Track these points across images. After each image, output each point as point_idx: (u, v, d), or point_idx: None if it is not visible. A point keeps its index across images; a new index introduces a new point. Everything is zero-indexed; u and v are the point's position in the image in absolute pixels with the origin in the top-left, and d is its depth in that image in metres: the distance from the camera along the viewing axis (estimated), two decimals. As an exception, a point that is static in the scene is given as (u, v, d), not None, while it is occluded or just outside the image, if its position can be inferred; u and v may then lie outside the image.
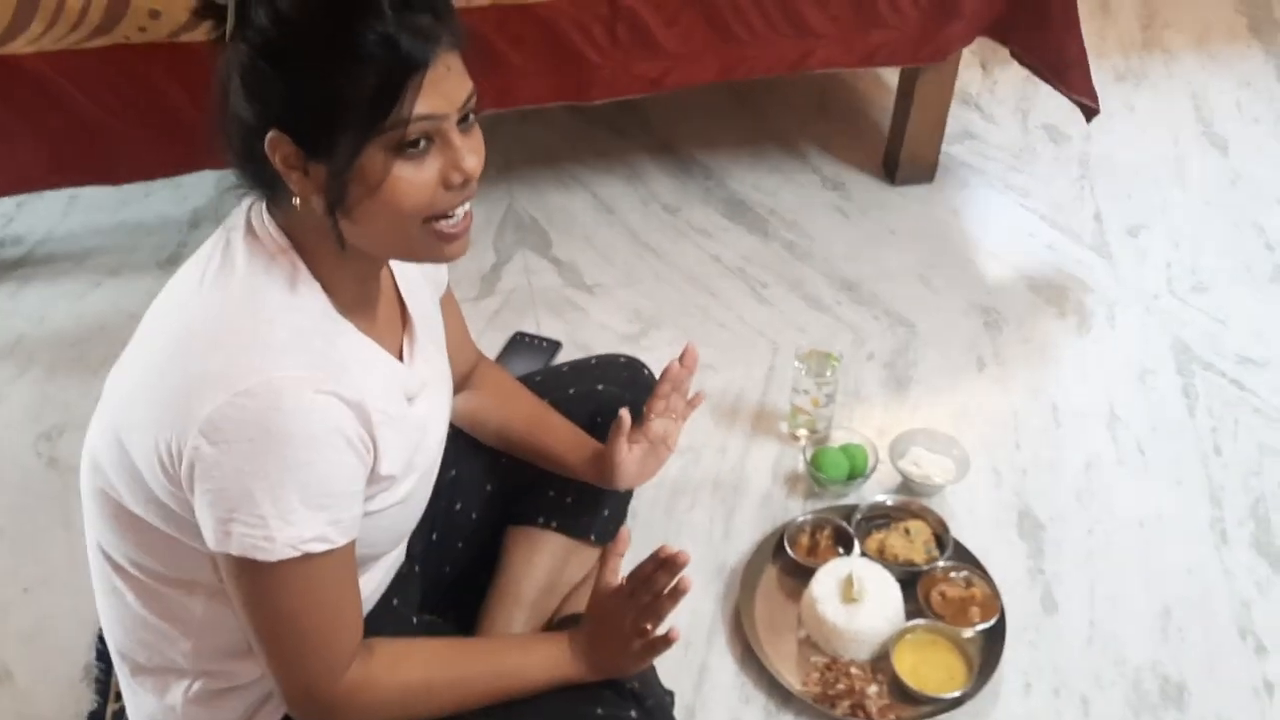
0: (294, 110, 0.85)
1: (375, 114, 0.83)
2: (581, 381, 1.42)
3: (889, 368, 1.90)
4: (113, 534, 0.99)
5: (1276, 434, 1.76)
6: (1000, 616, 1.45)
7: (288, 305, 0.90)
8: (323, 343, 0.90)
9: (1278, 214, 2.22)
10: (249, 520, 0.85)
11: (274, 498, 0.85)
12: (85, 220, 2.22)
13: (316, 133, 0.85)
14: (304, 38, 0.83)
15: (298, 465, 0.85)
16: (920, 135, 2.23)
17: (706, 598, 1.53)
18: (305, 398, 0.85)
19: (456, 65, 0.87)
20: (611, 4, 1.83)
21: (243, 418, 0.83)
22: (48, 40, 1.71)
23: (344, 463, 0.89)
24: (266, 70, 0.84)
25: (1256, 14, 2.84)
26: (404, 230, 0.90)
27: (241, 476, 0.85)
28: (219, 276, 0.91)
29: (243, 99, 0.86)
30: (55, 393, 1.85)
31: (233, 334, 0.87)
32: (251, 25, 0.84)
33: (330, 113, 0.84)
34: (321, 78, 0.83)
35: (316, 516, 0.87)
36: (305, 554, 0.88)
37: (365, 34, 0.82)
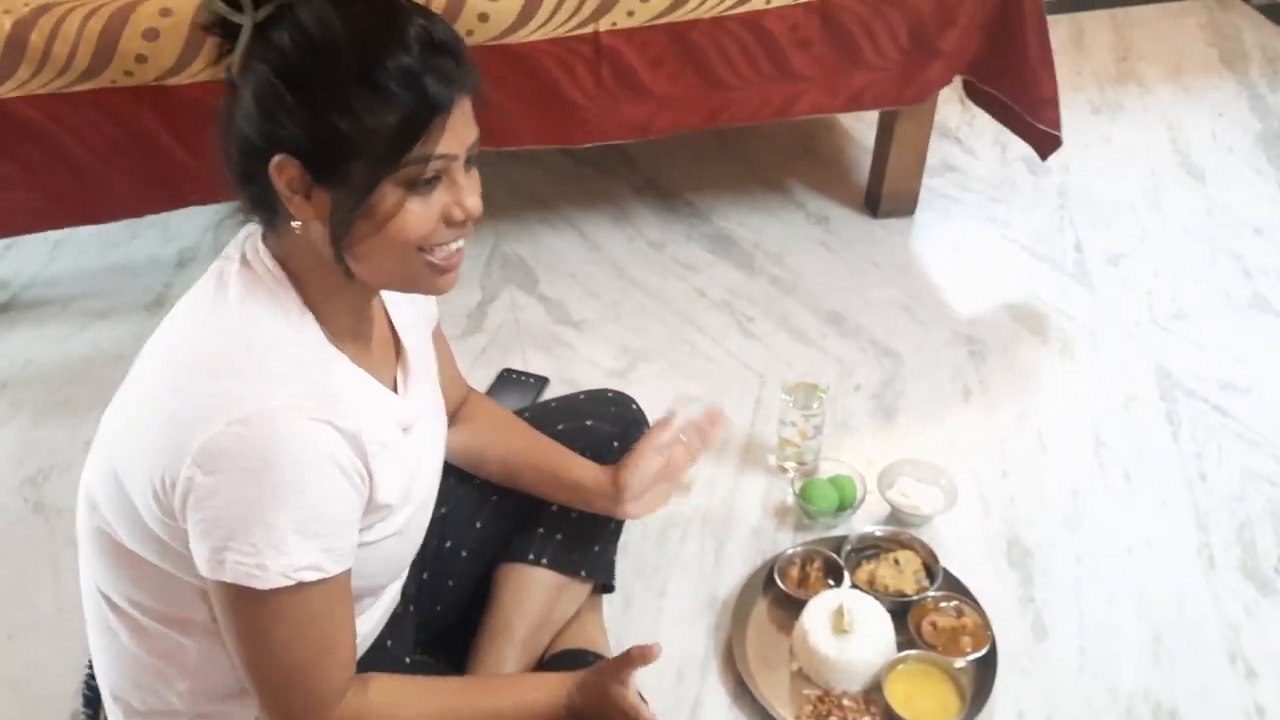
0: (309, 137, 0.85)
1: (395, 150, 0.85)
2: (571, 417, 1.42)
3: (876, 399, 1.91)
4: (109, 572, 0.99)
5: (1260, 459, 1.77)
6: (991, 645, 1.45)
7: (282, 336, 0.90)
8: (317, 373, 0.91)
9: (1255, 242, 2.25)
10: (242, 549, 0.85)
11: (267, 526, 0.85)
12: (71, 263, 2.22)
13: (330, 162, 0.86)
14: (328, 65, 0.83)
15: (291, 493, 0.85)
16: (901, 169, 2.26)
17: (698, 631, 1.53)
18: (300, 426, 0.85)
19: (468, 109, 0.89)
20: (595, 44, 1.86)
21: (237, 446, 0.84)
22: (35, 84, 1.73)
23: (338, 491, 0.89)
24: (285, 94, 0.84)
25: (1227, 46, 2.90)
26: (402, 260, 0.91)
27: (235, 505, 0.85)
28: (213, 307, 0.92)
29: (253, 119, 0.86)
30: (41, 437, 1.85)
31: (227, 364, 0.88)
32: (272, 46, 0.84)
33: (348, 144, 0.84)
34: (344, 108, 0.83)
35: (310, 545, 0.87)
36: (299, 583, 0.87)
37: (392, 69, 0.83)
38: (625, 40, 1.87)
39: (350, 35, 0.83)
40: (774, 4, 1.90)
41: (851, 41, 1.97)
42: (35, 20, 1.70)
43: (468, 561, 1.34)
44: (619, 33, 1.86)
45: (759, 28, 1.92)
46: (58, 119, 1.75)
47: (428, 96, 0.84)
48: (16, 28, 1.69)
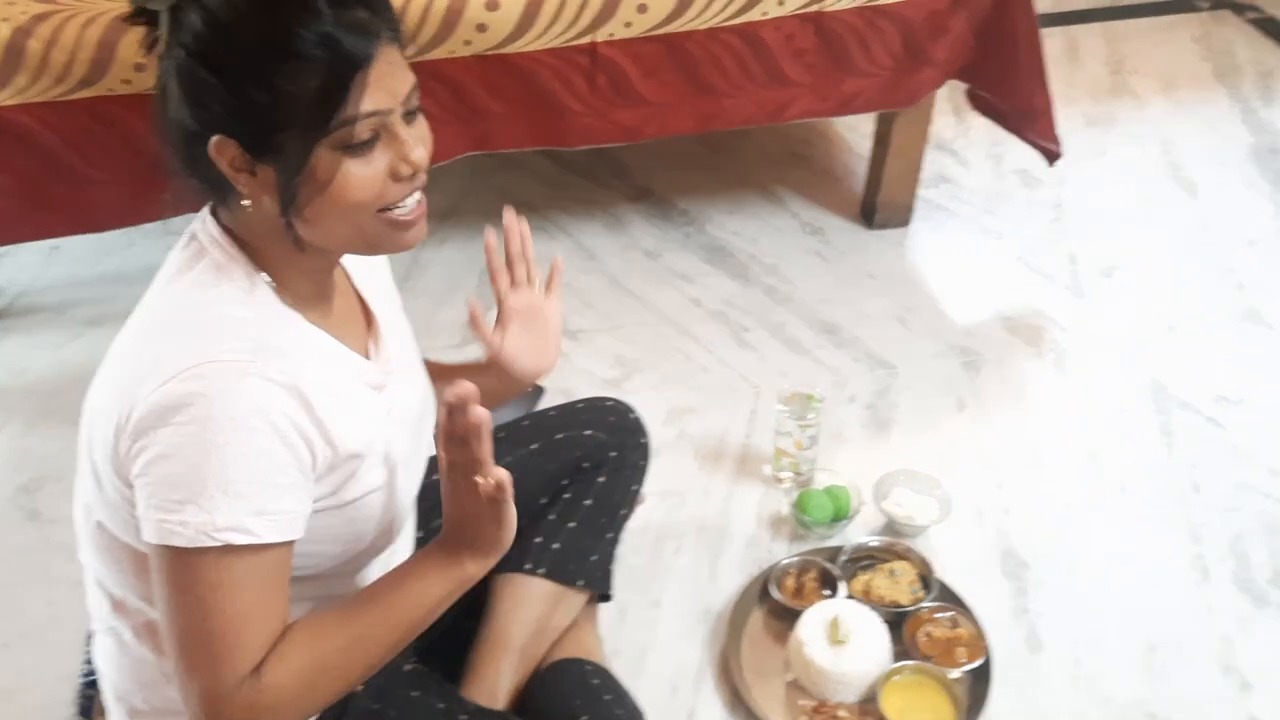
0: (237, 115, 0.84)
1: (322, 115, 0.83)
2: (568, 426, 1.42)
3: (870, 409, 1.91)
4: (108, 568, 0.99)
5: (1253, 471, 1.78)
6: (986, 657, 1.45)
7: (223, 297, 0.90)
8: (259, 330, 0.89)
9: (1247, 255, 2.26)
10: (167, 505, 0.84)
11: (190, 481, 0.83)
12: (66, 271, 2.22)
13: (262, 136, 0.85)
14: (240, 40, 0.83)
15: (216, 448, 0.83)
16: (896, 180, 2.27)
17: (693, 642, 1.53)
18: (230, 380, 0.84)
19: (397, 58, 0.87)
20: (592, 54, 1.86)
21: (167, 402, 0.84)
22: (33, 92, 1.73)
23: (270, 450, 0.86)
24: (205, 75, 0.83)
25: (1220, 60, 2.92)
26: (357, 223, 0.90)
27: (164, 460, 0.84)
28: (160, 287, 0.93)
29: (183, 105, 0.86)
30: (35, 445, 1.84)
31: (167, 330, 0.89)
32: (185, 29, 0.83)
33: (275, 116, 0.83)
34: (262, 81, 0.83)
35: (234, 504, 0.84)
36: (225, 545, 0.84)
37: (304, 34, 0.82)
38: (621, 51, 1.88)
39: (256, 7, 0.83)
40: (770, 15, 1.91)
41: (844, 50, 1.99)
42: (34, 28, 1.70)
43: None
44: (616, 43, 1.86)
45: (754, 38, 1.93)
46: (55, 127, 1.75)
47: (344, 54, 0.83)
48: (15, 35, 1.69)
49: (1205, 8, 3.17)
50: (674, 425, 1.87)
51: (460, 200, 2.41)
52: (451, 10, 1.78)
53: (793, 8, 1.91)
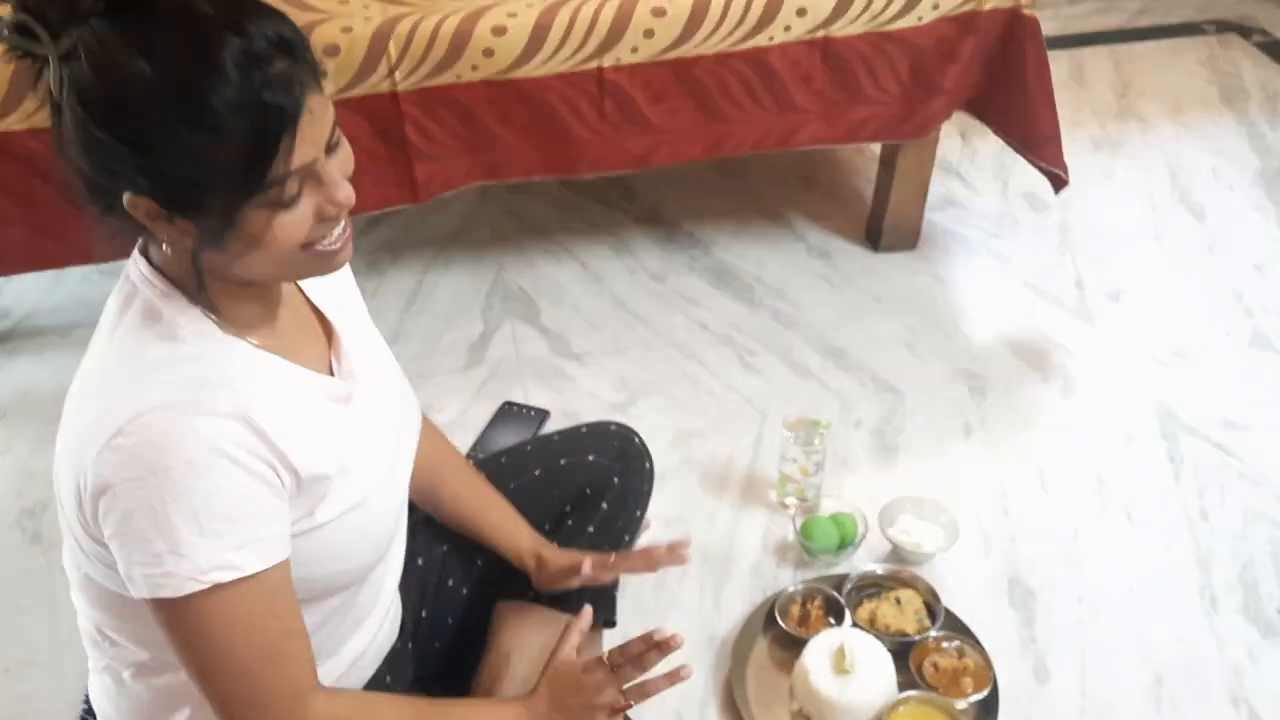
0: (151, 181, 0.79)
1: (250, 181, 0.79)
2: (572, 452, 1.42)
3: (876, 435, 1.90)
4: (101, 614, 0.99)
5: (1261, 498, 1.77)
6: (993, 687, 1.44)
7: (158, 337, 0.87)
8: (199, 365, 0.87)
9: (1255, 279, 2.25)
10: (146, 560, 0.83)
11: (163, 532, 0.82)
12: (72, 294, 2.23)
13: (182, 200, 0.80)
14: (147, 111, 0.76)
15: (179, 494, 0.82)
16: (903, 204, 2.27)
17: (698, 670, 1.51)
18: (174, 425, 0.82)
19: (318, 102, 0.82)
20: (599, 80, 1.87)
21: (119, 459, 0.82)
22: (40, 117, 1.73)
23: (234, 482, 0.85)
24: (112, 142, 0.77)
25: (1227, 84, 2.92)
26: (284, 262, 0.87)
27: (130, 518, 0.83)
28: (101, 335, 0.91)
29: (87, 162, 0.79)
30: (40, 468, 1.84)
31: (107, 381, 0.87)
32: (84, 90, 0.76)
33: (195, 184, 0.79)
34: (178, 152, 0.77)
35: (214, 544, 0.84)
36: (214, 584, 0.84)
37: (218, 102, 0.75)
38: (628, 76, 1.88)
39: (162, 74, 0.75)
40: (777, 41, 1.92)
41: (853, 77, 1.99)
42: (43, 52, 1.71)
43: (468, 599, 1.33)
44: (622, 69, 1.87)
45: (762, 64, 1.93)
46: (62, 151, 1.75)
47: (268, 118, 0.77)
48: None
49: (1212, 31, 3.17)
50: (679, 449, 1.87)
51: (468, 222, 2.41)
52: (459, 35, 1.78)
53: (800, 33, 1.92)
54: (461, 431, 1.89)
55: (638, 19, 1.84)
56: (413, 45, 1.77)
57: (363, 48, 1.76)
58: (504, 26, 1.80)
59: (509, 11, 1.81)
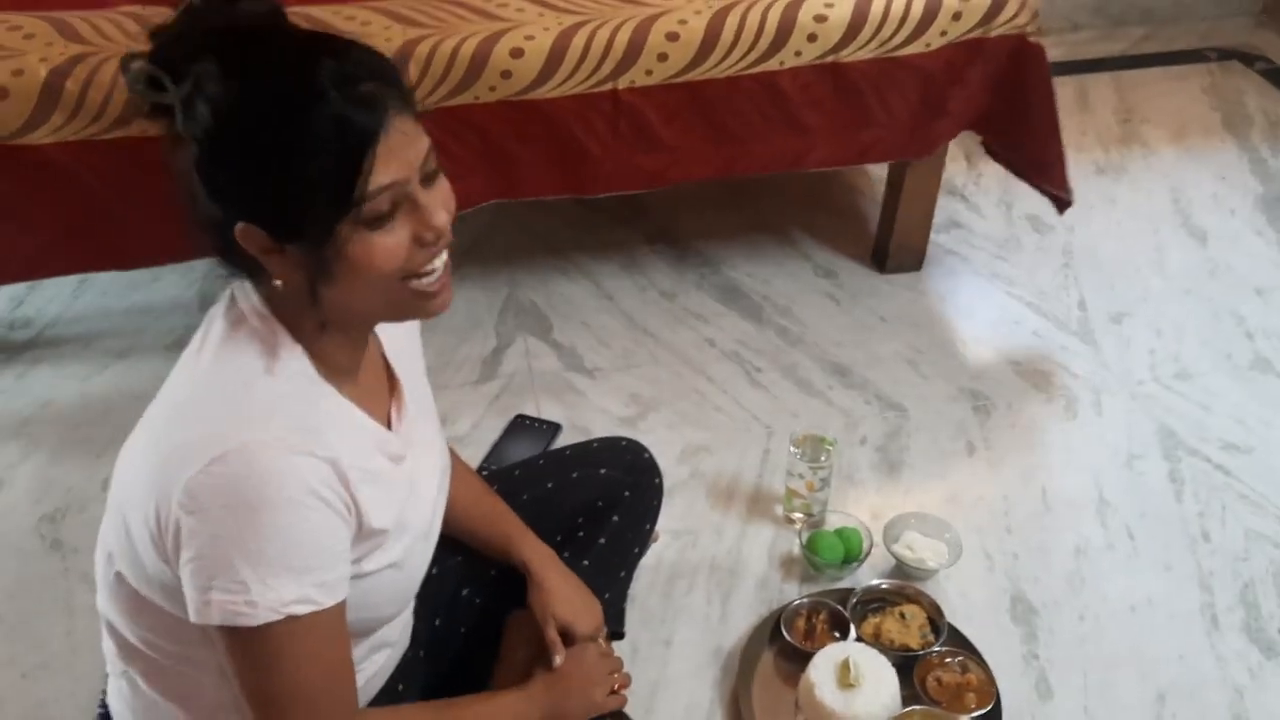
0: (256, 202, 0.85)
1: (339, 194, 0.84)
2: (583, 465, 1.44)
3: (881, 452, 1.93)
4: (125, 618, 1.01)
5: (1262, 520, 1.79)
6: (996, 703, 1.46)
7: (264, 371, 0.90)
8: (299, 406, 0.91)
9: (1256, 303, 2.28)
10: (229, 586, 0.85)
11: (253, 563, 0.85)
12: (94, 304, 2.26)
13: (283, 221, 0.86)
14: (250, 131, 0.83)
15: (275, 529, 0.85)
16: (908, 225, 2.31)
17: (704, 682, 1.54)
18: (278, 460, 0.85)
19: (409, 126, 0.87)
20: (614, 100, 1.91)
21: (216, 485, 0.84)
22: (68, 131, 1.77)
23: (322, 523, 0.89)
24: (219, 167, 0.84)
25: (1229, 109, 2.95)
26: (385, 293, 0.91)
27: (219, 543, 0.85)
28: (201, 353, 0.93)
29: (204, 195, 0.86)
30: (60, 475, 1.87)
31: (209, 404, 0.89)
32: (196, 122, 0.83)
33: (293, 201, 0.84)
34: (276, 168, 0.83)
35: (299, 579, 0.87)
36: (289, 616, 0.87)
37: (313, 119, 0.82)
38: (643, 97, 1.92)
39: (264, 98, 0.82)
40: (788, 65, 1.95)
41: (861, 100, 2.02)
42: (70, 69, 1.75)
43: (481, 608, 1.35)
44: (637, 90, 1.91)
45: (773, 87, 1.97)
46: (89, 165, 1.79)
47: (354, 132, 0.83)
48: (51, 76, 1.74)
49: (1214, 58, 3.21)
50: (687, 464, 1.89)
51: (482, 237, 2.45)
52: (477, 57, 1.82)
53: (811, 58, 1.95)
54: (474, 444, 1.92)
55: (652, 43, 1.88)
56: (432, 66, 1.81)
57: (383, 68, 1.80)
58: (521, 49, 1.84)
59: (527, 34, 1.85)
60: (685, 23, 1.90)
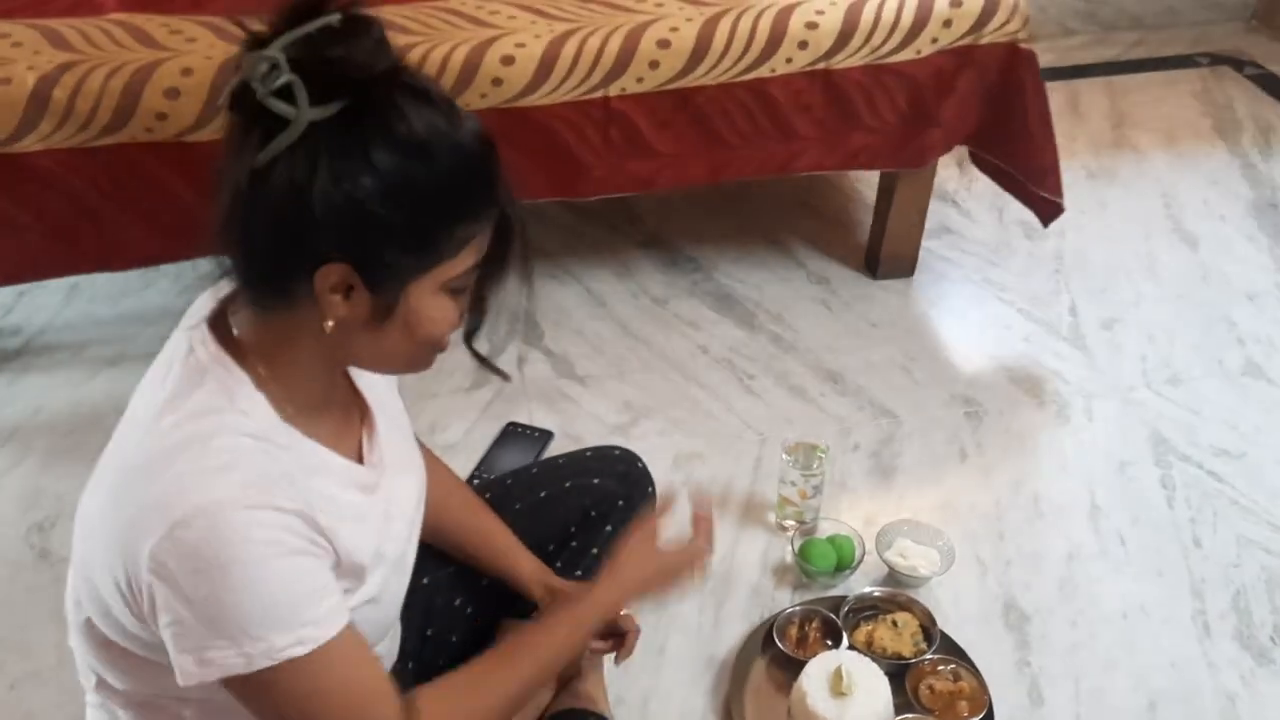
0: (369, 244, 0.82)
1: (448, 256, 0.87)
2: (577, 474, 1.44)
3: (874, 458, 1.93)
4: (98, 660, 0.99)
5: (1254, 525, 1.80)
6: (988, 711, 1.46)
7: (223, 426, 0.86)
8: (261, 458, 0.87)
9: (1247, 309, 2.29)
10: (218, 645, 0.83)
11: (235, 620, 0.83)
12: (84, 311, 2.25)
13: (386, 267, 0.84)
14: (391, 178, 0.81)
15: (247, 585, 0.83)
16: (900, 231, 2.31)
17: (696, 691, 1.54)
18: (240, 518, 0.82)
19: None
20: (605, 107, 1.91)
21: (181, 551, 0.81)
22: (57, 138, 1.77)
23: (296, 568, 0.86)
24: (365, 204, 0.81)
25: (1220, 115, 2.96)
26: (418, 350, 0.92)
27: (196, 606, 0.82)
28: (158, 406, 0.88)
29: (308, 219, 0.81)
30: (49, 483, 1.86)
31: (167, 463, 0.84)
32: (348, 151, 0.80)
33: (424, 257, 0.85)
34: (410, 219, 0.83)
35: (287, 626, 0.85)
36: (289, 659, 0.85)
37: (490, 191, 0.86)
38: (634, 104, 1.92)
39: (414, 149, 0.81)
40: (779, 72, 1.95)
41: (851, 107, 2.03)
42: (59, 76, 1.75)
43: (473, 617, 1.35)
44: (628, 98, 1.91)
45: (763, 94, 1.97)
46: (78, 171, 1.79)
47: (483, 203, 0.87)
48: (40, 84, 1.74)
49: (1205, 64, 3.22)
50: (680, 471, 1.89)
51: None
52: (469, 64, 1.82)
53: (801, 65, 1.96)
54: (466, 452, 1.92)
55: (643, 51, 1.88)
56: (422, 73, 1.80)
57: (373, 75, 1.79)
58: (513, 56, 1.84)
59: (518, 41, 1.85)
60: (676, 30, 1.90)
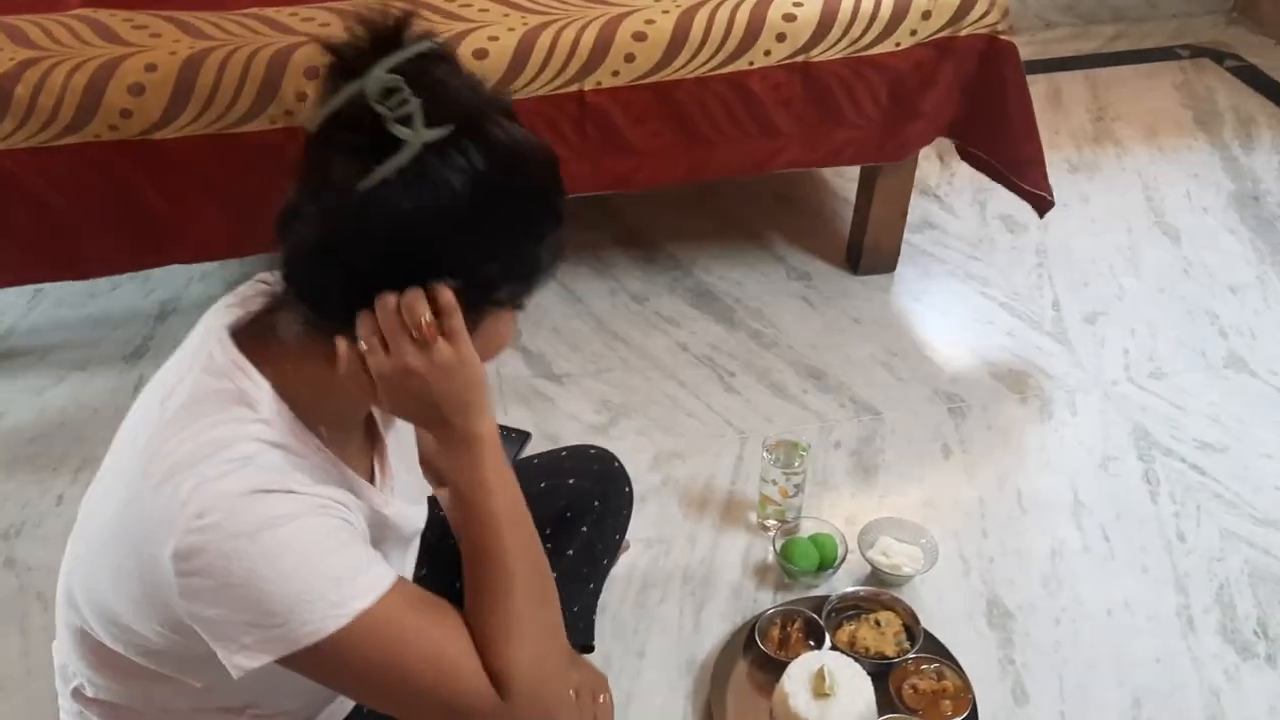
0: (486, 266, 0.86)
1: (536, 277, 0.91)
2: (552, 474, 1.42)
3: (856, 456, 1.91)
4: (91, 669, 0.97)
5: (1237, 519, 1.78)
6: (972, 709, 1.44)
7: (244, 433, 0.85)
8: (280, 460, 0.86)
9: (1230, 301, 2.28)
10: (271, 622, 0.81)
11: (281, 593, 0.80)
12: (50, 314, 2.21)
13: (490, 292, 0.88)
14: (520, 204, 0.86)
15: (280, 554, 0.81)
16: (882, 226, 2.29)
17: (677, 694, 1.51)
18: (258, 497, 0.81)
19: None
20: (580, 102, 1.88)
21: (207, 538, 0.80)
22: (18, 138, 1.73)
23: (327, 525, 0.84)
24: (472, 227, 0.83)
25: (1201, 108, 2.96)
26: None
27: (238, 591, 0.80)
28: (171, 408, 0.87)
29: (424, 243, 0.82)
30: (13, 490, 1.82)
31: (177, 466, 0.83)
32: (456, 173, 0.81)
33: (522, 277, 0.89)
34: (528, 245, 0.88)
35: (337, 581, 0.82)
36: (356, 613, 0.82)
37: (556, 207, 0.90)
38: (610, 99, 1.89)
39: (539, 171, 0.87)
40: (758, 65, 1.93)
41: (832, 100, 2.00)
42: (20, 73, 1.71)
43: None
44: (604, 92, 1.88)
45: (742, 87, 1.94)
46: (40, 172, 1.75)
47: (557, 228, 0.91)
48: (1, 81, 1.70)
49: (1186, 56, 3.21)
50: (659, 471, 1.87)
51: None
52: (440, 58, 1.79)
53: (780, 58, 1.93)
54: (441, 453, 1.88)
55: (619, 43, 1.85)
56: (393, 68, 1.77)
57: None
58: (485, 50, 1.81)
59: (490, 35, 1.82)
60: (653, 22, 1.88)
